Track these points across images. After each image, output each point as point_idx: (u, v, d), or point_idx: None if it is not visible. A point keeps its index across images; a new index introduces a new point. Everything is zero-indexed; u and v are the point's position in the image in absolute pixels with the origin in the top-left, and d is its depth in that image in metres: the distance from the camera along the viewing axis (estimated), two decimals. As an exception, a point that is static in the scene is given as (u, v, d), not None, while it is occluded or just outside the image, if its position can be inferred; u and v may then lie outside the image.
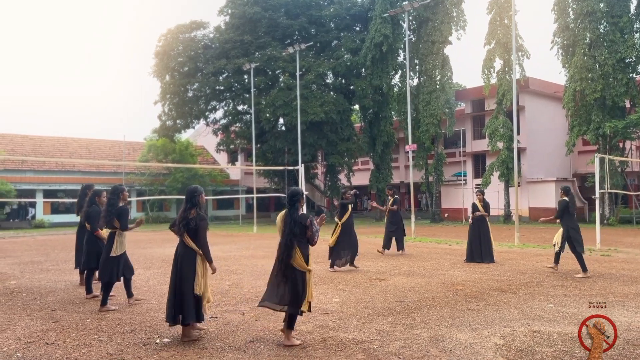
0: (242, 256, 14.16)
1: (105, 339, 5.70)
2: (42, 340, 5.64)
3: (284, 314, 5.49)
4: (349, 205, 11.21)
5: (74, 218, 37.79)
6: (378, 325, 6.20)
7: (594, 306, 6.41)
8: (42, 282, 9.84)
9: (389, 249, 13.74)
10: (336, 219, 11.26)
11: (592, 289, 8.41)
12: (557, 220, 9.86)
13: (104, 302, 7.14)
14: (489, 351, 5.14)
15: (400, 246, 13.73)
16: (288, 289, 5.35)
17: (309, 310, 5.49)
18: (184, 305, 5.53)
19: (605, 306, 6.67)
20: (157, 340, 5.61)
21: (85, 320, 6.58)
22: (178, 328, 5.87)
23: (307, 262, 5.43)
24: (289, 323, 5.43)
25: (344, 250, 10.86)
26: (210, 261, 5.74)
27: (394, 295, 7.98)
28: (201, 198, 5.83)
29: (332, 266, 10.82)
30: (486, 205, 12.20)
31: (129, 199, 9.01)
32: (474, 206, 12.28)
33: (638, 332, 5.75)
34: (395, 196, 13.74)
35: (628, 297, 7.68)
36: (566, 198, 9.77)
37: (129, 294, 7.55)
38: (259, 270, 10.89)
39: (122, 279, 7.40)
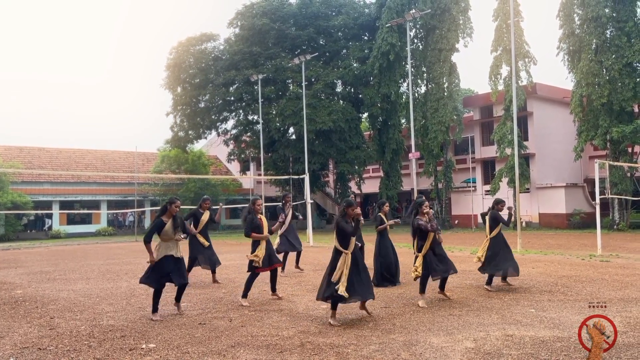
0: (244, 264, 14.40)
1: (95, 344, 6.01)
2: (36, 346, 5.97)
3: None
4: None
5: (89, 228, 38.96)
6: (358, 330, 6.42)
7: (594, 306, 6.46)
8: (47, 291, 10.23)
9: None
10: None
11: (578, 294, 8.52)
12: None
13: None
14: (458, 354, 5.33)
15: None
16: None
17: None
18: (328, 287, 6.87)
19: (606, 306, 6.70)
20: (143, 346, 5.90)
21: (80, 327, 6.90)
22: (167, 332, 6.16)
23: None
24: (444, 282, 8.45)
25: None
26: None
27: (382, 302, 8.18)
28: (348, 210, 6.98)
29: None
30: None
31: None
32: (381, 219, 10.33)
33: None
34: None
35: (612, 302, 7.77)
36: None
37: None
38: (257, 278, 11.12)
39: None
